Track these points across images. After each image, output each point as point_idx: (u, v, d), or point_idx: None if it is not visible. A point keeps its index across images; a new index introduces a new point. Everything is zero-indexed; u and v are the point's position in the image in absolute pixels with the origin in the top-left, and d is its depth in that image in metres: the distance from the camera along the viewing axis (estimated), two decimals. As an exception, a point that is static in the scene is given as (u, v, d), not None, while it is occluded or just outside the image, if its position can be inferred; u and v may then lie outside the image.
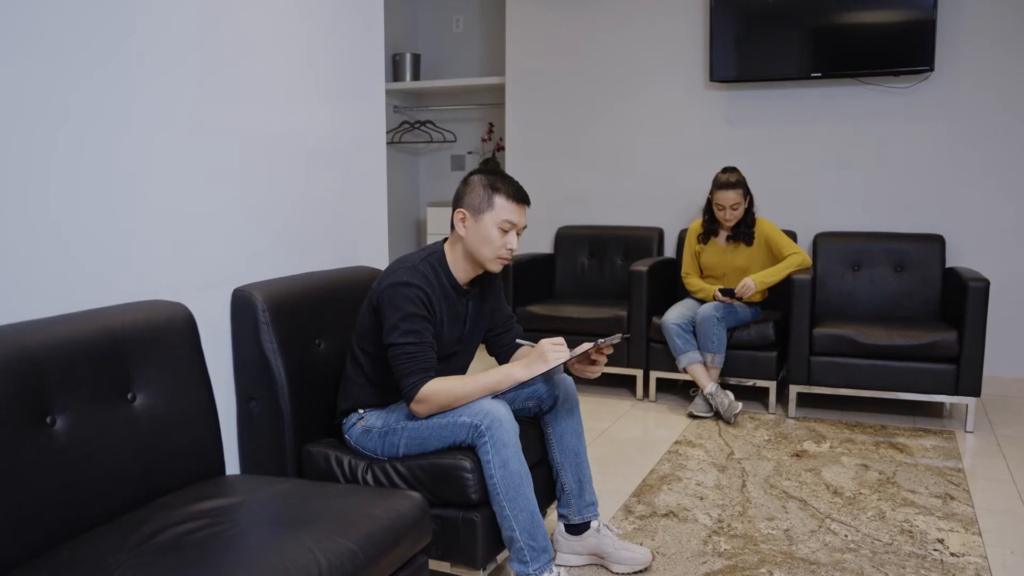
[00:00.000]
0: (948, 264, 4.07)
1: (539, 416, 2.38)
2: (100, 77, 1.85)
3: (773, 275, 3.86)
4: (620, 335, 2.28)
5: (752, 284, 3.82)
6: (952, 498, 2.90)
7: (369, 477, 2.14)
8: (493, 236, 2.15)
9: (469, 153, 5.71)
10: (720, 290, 3.90)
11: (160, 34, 2.00)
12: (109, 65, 1.87)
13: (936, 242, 4.08)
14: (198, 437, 1.95)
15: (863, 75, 4.18)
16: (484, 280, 2.35)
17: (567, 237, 4.87)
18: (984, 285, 3.52)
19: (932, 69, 4.02)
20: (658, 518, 2.75)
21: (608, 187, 4.88)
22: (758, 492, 2.96)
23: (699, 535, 2.62)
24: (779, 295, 4.02)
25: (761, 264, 3.99)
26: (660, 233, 4.69)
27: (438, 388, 2.09)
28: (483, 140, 5.64)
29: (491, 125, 5.62)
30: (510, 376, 2.13)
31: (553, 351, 2.10)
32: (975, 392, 3.57)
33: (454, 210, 2.21)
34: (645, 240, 4.69)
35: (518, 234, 2.21)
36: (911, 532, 2.63)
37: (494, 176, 2.19)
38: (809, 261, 3.90)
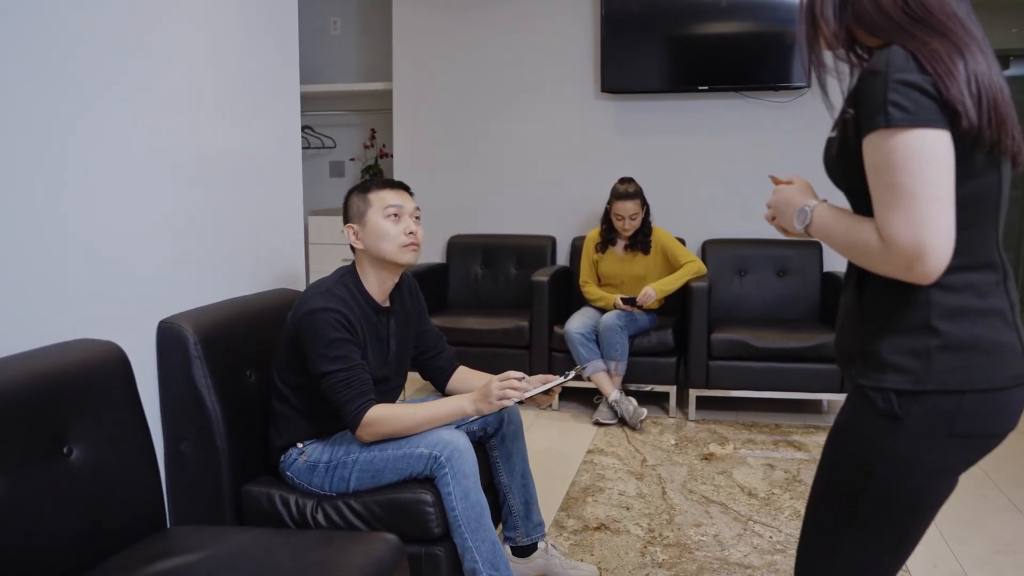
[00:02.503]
0: (825, 269, 4.34)
1: (484, 440, 2.34)
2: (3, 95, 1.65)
3: (672, 283, 3.98)
4: (577, 368, 2.30)
5: (653, 292, 3.92)
6: (855, 493, 3.09)
7: (320, 517, 2.03)
8: (385, 228, 2.12)
9: (351, 160, 5.55)
10: (621, 298, 3.97)
11: (68, 54, 1.81)
12: (12, 83, 1.67)
13: (815, 248, 4.33)
14: (139, 489, 1.78)
15: (746, 89, 4.38)
16: (404, 295, 2.30)
17: (459, 246, 4.83)
18: (865, 289, 3.77)
19: (809, 85, 4.24)
20: (591, 532, 2.77)
21: (500, 195, 4.88)
22: (679, 498, 3.04)
23: (635, 547, 2.66)
24: (673, 301, 4.15)
25: (658, 272, 4.10)
26: (553, 241, 4.73)
27: (383, 415, 2.02)
28: (365, 146, 5.50)
29: (373, 131, 5.48)
30: (460, 410, 2.08)
31: (498, 395, 2.04)
32: (858, 389, 3.81)
33: (344, 230, 2.19)
34: (538, 248, 4.71)
35: (417, 220, 2.18)
36: (828, 529, 2.78)
37: (363, 183, 2.22)
38: (704, 269, 4.05)
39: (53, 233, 1.76)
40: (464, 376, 2.44)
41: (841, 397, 3.85)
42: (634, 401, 3.88)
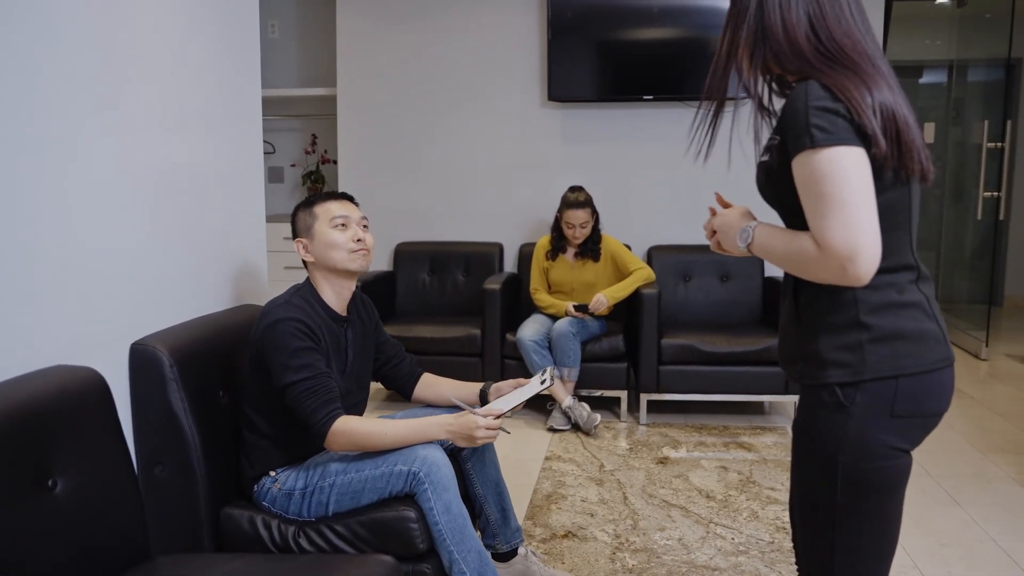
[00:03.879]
0: (766, 274, 4.48)
1: (456, 451, 2.35)
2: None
3: (622, 290, 4.06)
4: (550, 370, 2.32)
5: (604, 300, 3.99)
6: (807, 492, 3.21)
7: (303, 541, 2.00)
8: (333, 237, 2.15)
9: (292, 166, 5.46)
10: (574, 306, 4.03)
11: (30, 76, 1.75)
12: None
13: (755, 253, 4.46)
14: (123, 520, 1.73)
15: (689, 99, 4.48)
16: (359, 308, 2.32)
17: (406, 253, 4.81)
18: (808, 294, 3.91)
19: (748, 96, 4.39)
20: (559, 539, 2.81)
21: (447, 202, 4.88)
22: (641, 503, 3.11)
23: (604, 553, 2.71)
24: (620, 307, 4.23)
25: (608, 279, 4.17)
26: (500, 248, 4.76)
27: (355, 427, 2.00)
28: (306, 152, 5.42)
29: (314, 136, 5.41)
30: (433, 436, 2.06)
31: (484, 435, 2.03)
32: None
33: (295, 245, 2.21)
34: (486, 255, 4.73)
35: (365, 228, 2.21)
36: (785, 528, 2.88)
37: (307, 198, 2.24)
38: (653, 276, 4.14)
39: (17, 257, 1.69)
40: (432, 383, 2.44)
41: (782, 398, 4.02)
42: (587, 407, 3.94)
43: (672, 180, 4.66)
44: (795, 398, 3.97)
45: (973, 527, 2.90)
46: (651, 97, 4.48)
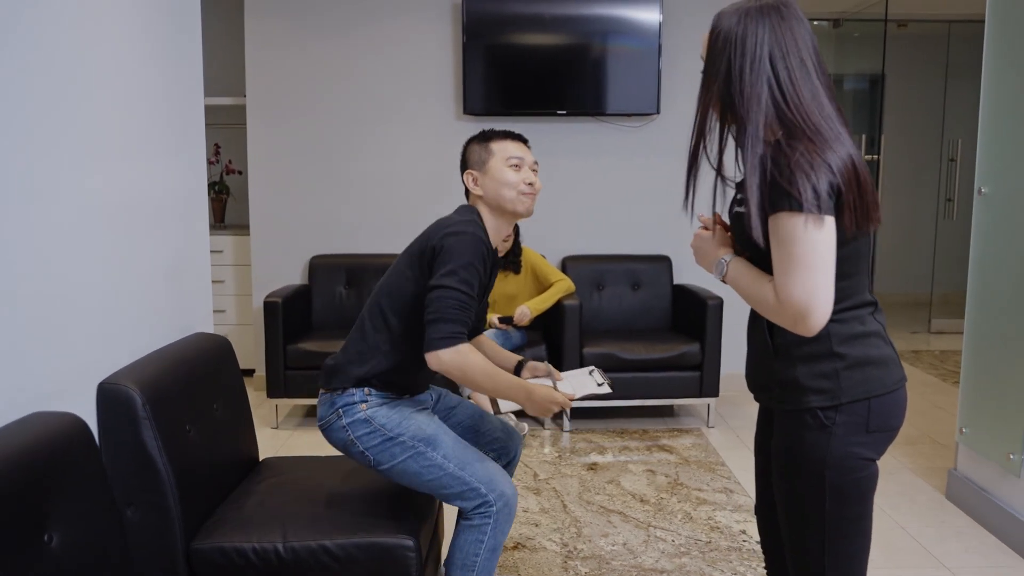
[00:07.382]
0: (676, 281, 4.70)
1: None
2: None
3: (545, 302, 4.17)
4: (598, 381, 2.30)
5: (528, 311, 4.09)
6: (731, 491, 3.42)
7: (289, 559, 2.00)
8: (507, 175, 2.17)
9: (194, 177, 5.28)
10: (498, 318, 4.11)
11: None
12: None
13: (664, 262, 4.68)
14: (113, 568, 1.69)
15: (600, 115, 4.65)
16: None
17: (322, 267, 4.75)
18: (719, 302, 4.15)
19: (658, 112, 4.60)
20: (510, 551, 2.89)
21: (362, 215, 4.85)
22: (581, 511, 3.22)
23: (555, 563, 2.81)
24: (539, 318, 4.34)
25: (529, 291, 4.27)
26: (417, 260, 4.77)
27: (474, 360, 1.94)
28: (210, 162, 5.26)
29: (217, 146, 5.26)
30: (508, 395, 2.06)
31: (549, 409, 2.08)
32: (715, 393, 4.20)
33: (463, 176, 2.24)
34: (403, 267, 4.73)
35: (535, 172, 2.24)
36: (719, 528, 3.07)
37: (482, 132, 2.26)
38: (573, 287, 4.27)
39: None
40: (480, 341, 2.46)
41: (695, 401, 4.24)
42: (513, 416, 4.03)
43: (585, 192, 4.81)
44: (708, 400, 4.21)
45: (883, 516, 3.18)
46: (564, 112, 4.61)
